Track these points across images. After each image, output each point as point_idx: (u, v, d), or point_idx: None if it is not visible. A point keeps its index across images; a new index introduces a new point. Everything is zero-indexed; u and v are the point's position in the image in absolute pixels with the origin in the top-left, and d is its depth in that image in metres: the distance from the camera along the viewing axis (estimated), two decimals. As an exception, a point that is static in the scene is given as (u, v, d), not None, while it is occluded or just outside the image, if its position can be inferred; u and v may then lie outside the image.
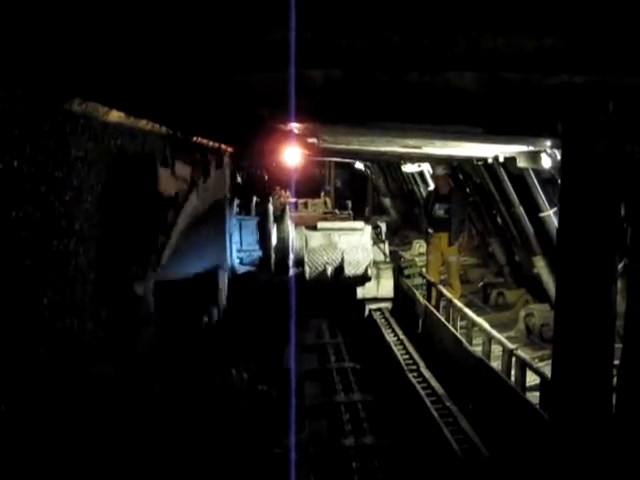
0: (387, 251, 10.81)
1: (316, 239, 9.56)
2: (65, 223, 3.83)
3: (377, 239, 10.60)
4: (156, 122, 5.43)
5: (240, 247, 6.07)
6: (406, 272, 11.47)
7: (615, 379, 4.09)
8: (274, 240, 6.37)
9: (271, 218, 6.27)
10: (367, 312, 10.45)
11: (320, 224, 10.00)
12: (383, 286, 10.40)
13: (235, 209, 6.07)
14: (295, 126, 6.31)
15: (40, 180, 3.48)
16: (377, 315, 10.22)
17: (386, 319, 10.00)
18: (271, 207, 6.32)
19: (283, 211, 6.91)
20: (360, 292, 10.37)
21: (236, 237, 6.02)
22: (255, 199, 6.41)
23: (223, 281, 6.14)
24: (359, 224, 10.26)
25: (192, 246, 5.43)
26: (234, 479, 5.49)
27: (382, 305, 10.45)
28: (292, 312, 7.67)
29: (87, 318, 4.17)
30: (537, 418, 5.10)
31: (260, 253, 6.12)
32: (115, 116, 4.50)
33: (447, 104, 3.67)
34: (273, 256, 6.31)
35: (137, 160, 4.95)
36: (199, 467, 5.37)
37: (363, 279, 9.87)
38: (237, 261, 6.03)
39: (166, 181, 5.08)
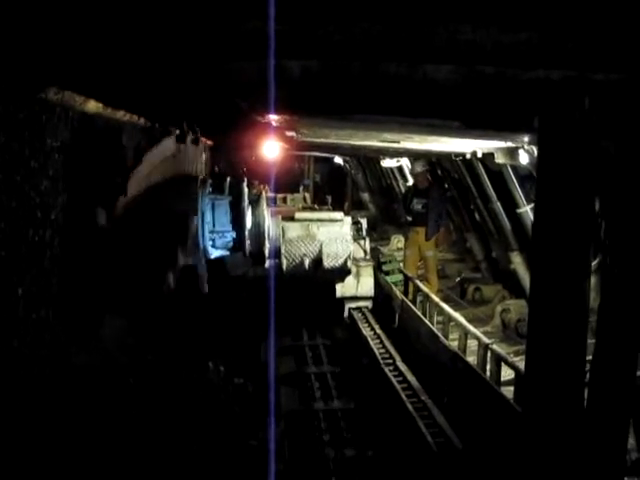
0: (368, 248, 10.54)
1: (293, 230, 9.30)
2: (40, 213, 3.80)
3: (357, 235, 10.33)
4: (134, 113, 5.40)
5: (213, 228, 5.80)
6: (391, 280, 11.15)
7: (587, 374, 4.13)
8: (248, 223, 6.14)
9: (246, 198, 6.04)
10: (347, 312, 10.15)
11: (298, 214, 9.74)
12: (363, 284, 10.12)
13: (208, 188, 5.82)
14: (273, 118, 6.29)
15: (15, 169, 3.45)
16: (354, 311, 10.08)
17: (363, 314, 9.98)
18: (246, 188, 6.09)
19: (259, 195, 6.71)
20: (339, 290, 10.07)
21: (208, 217, 5.76)
22: (229, 179, 6.18)
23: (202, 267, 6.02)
24: (338, 215, 9.98)
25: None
26: (210, 471, 5.49)
27: (362, 304, 10.19)
28: (271, 304, 7.66)
29: (60, 308, 4.14)
30: (511, 412, 5.13)
31: (234, 234, 5.87)
32: (92, 106, 4.47)
33: (424, 97, 3.67)
34: (247, 241, 6.10)
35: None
36: (174, 460, 5.36)
37: (342, 272, 9.61)
38: (209, 243, 5.79)
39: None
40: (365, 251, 10.44)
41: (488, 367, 6.26)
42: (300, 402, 7.20)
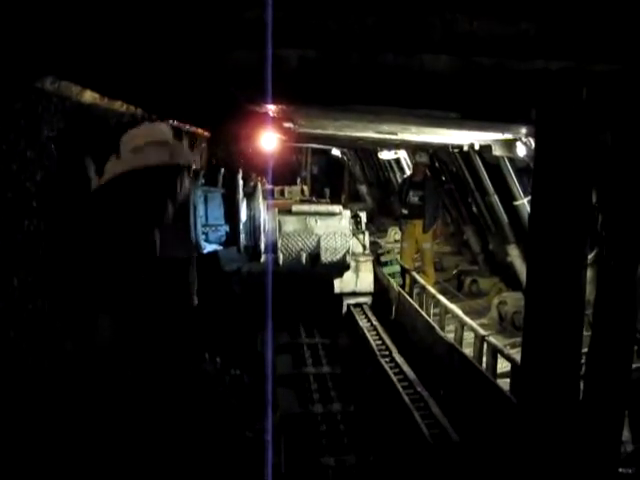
0: (367, 242, 10.26)
1: (290, 223, 9.11)
2: (36, 203, 3.78)
3: (356, 229, 10.09)
4: (131, 104, 5.37)
5: (205, 222, 5.63)
6: (395, 281, 10.57)
7: (583, 366, 4.14)
8: (243, 216, 5.96)
9: (240, 190, 5.84)
10: (345, 308, 9.92)
11: (295, 207, 9.50)
12: (362, 280, 9.87)
13: (201, 180, 5.64)
14: (271, 109, 6.26)
15: (11, 159, 3.44)
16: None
17: (360, 306, 9.95)
18: (241, 180, 5.91)
19: (255, 188, 6.52)
20: (338, 286, 9.82)
21: (201, 210, 5.57)
22: (223, 170, 6.01)
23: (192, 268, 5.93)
24: (337, 208, 9.64)
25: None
26: (207, 463, 5.50)
27: (361, 300, 9.95)
28: (267, 300, 7.64)
29: (56, 299, 4.13)
30: (507, 403, 5.14)
31: (227, 228, 5.69)
32: (89, 96, 4.45)
33: (422, 87, 3.66)
34: (242, 235, 5.92)
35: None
36: (171, 451, 5.36)
37: (341, 267, 9.36)
38: (202, 237, 5.61)
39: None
40: (364, 245, 10.17)
41: (484, 359, 6.27)
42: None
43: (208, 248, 5.75)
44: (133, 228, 4.94)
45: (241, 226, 5.86)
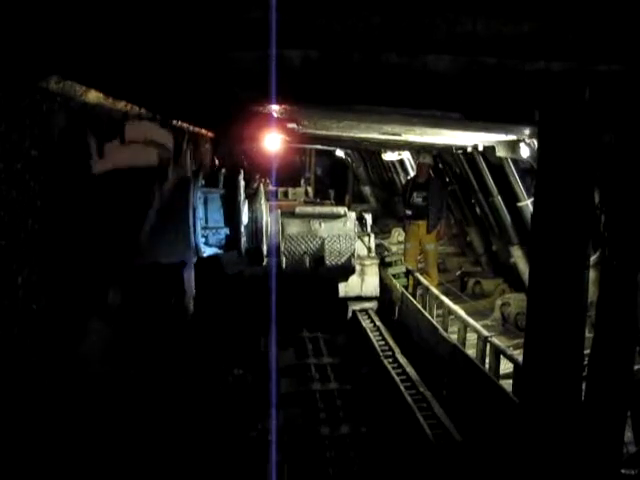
0: (373, 245, 10.11)
1: (294, 226, 8.99)
2: (40, 202, 3.79)
3: (362, 232, 9.96)
4: (135, 104, 5.38)
5: (205, 224, 5.47)
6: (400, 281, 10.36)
7: (586, 368, 4.14)
8: (244, 219, 5.80)
9: (242, 192, 5.68)
10: (350, 314, 9.75)
11: (298, 209, 9.37)
12: (367, 284, 9.72)
13: (200, 181, 5.49)
14: (274, 109, 6.26)
15: (16, 158, 3.45)
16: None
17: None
18: (242, 181, 5.75)
19: (257, 189, 6.39)
20: (342, 290, 9.65)
21: (201, 212, 5.42)
22: (223, 171, 5.89)
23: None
24: (341, 210, 9.49)
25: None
26: (210, 462, 5.51)
27: (366, 305, 9.78)
28: (272, 298, 7.65)
29: (60, 297, 4.13)
30: (510, 404, 5.14)
31: (227, 231, 5.54)
32: (93, 96, 4.46)
33: (425, 88, 3.67)
34: (243, 238, 5.76)
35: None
36: (174, 451, 5.37)
37: (345, 271, 9.21)
38: (202, 240, 5.47)
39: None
40: (369, 248, 10.03)
41: (487, 360, 6.27)
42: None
43: (208, 252, 5.62)
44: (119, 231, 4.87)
45: (242, 229, 5.73)
